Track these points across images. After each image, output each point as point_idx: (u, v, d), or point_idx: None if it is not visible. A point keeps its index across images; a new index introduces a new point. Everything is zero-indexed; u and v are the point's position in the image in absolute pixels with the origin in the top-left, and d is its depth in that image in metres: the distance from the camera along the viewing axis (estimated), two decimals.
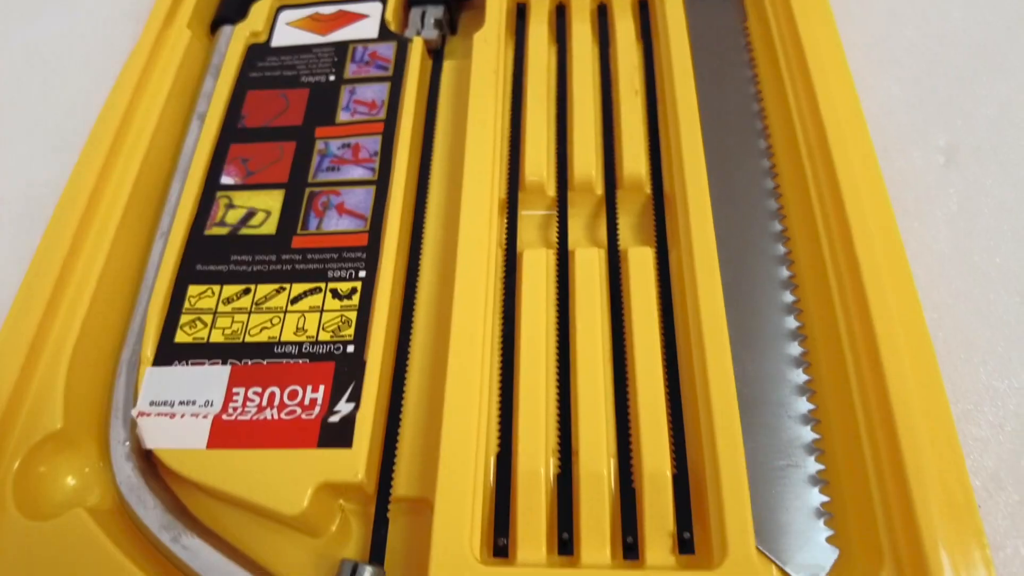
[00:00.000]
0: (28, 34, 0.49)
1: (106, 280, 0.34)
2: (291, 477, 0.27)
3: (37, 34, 0.49)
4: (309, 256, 0.33)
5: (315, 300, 0.32)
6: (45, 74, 0.47)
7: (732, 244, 0.33)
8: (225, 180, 0.36)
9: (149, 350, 0.31)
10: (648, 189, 0.35)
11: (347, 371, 0.30)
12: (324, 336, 0.31)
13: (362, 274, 0.32)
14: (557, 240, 0.34)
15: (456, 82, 0.39)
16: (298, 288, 0.32)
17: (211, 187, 0.35)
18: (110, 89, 0.43)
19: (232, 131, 0.37)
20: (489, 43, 0.38)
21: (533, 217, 0.35)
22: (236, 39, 0.41)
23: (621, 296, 0.32)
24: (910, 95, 0.39)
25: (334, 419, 0.28)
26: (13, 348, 0.31)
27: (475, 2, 0.43)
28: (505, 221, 0.34)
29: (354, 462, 0.27)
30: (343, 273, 0.32)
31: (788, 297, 0.32)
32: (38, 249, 0.35)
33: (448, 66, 0.40)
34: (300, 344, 0.31)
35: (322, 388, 0.29)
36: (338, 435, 0.28)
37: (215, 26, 0.43)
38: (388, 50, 0.39)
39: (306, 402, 0.29)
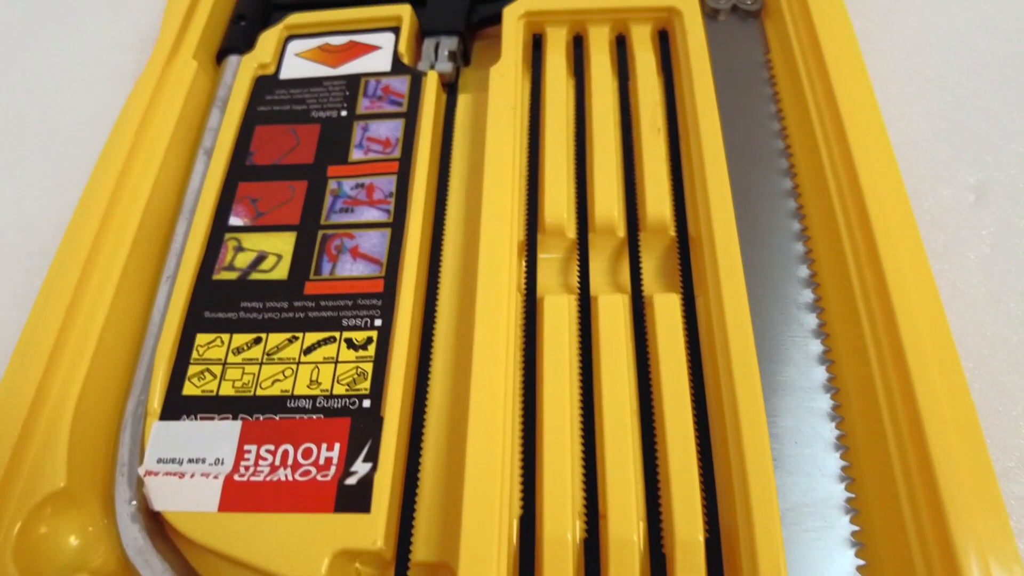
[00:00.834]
0: (28, 61, 0.48)
1: (110, 327, 0.32)
2: (307, 544, 0.26)
3: (37, 61, 0.48)
4: (323, 303, 0.31)
5: (329, 351, 0.30)
6: (45, 103, 0.46)
7: (762, 290, 0.32)
8: (234, 221, 0.34)
9: (156, 402, 0.30)
10: (672, 231, 0.34)
11: (363, 428, 0.28)
12: (339, 390, 0.29)
13: (378, 323, 0.31)
14: (578, 285, 0.32)
15: (471, 117, 0.38)
16: (311, 338, 0.31)
17: (219, 228, 0.34)
18: (112, 119, 0.42)
19: (240, 168, 0.36)
20: (506, 77, 0.37)
21: (553, 260, 0.34)
22: (243, 71, 0.39)
23: (647, 346, 0.31)
24: (938, 130, 0.38)
25: (351, 481, 0.27)
26: (14, 401, 0.30)
27: (489, 32, 0.42)
28: (524, 264, 0.33)
29: (373, 528, 0.26)
30: (358, 322, 0.31)
31: (820, 347, 0.31)
32: (39, 294, 0.33)
33: (463, 100, 0.39)
34: (314, 398, 0.29)
35: (337, 446, 0.28)
36: (356, 499, 0.27)
37: (221, 56, 0.42)
38: (402, 84, 0.38)
39: (321, 461, 0.28)
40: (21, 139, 0.44)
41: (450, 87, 0.39)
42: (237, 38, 0.42)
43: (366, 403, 0.29)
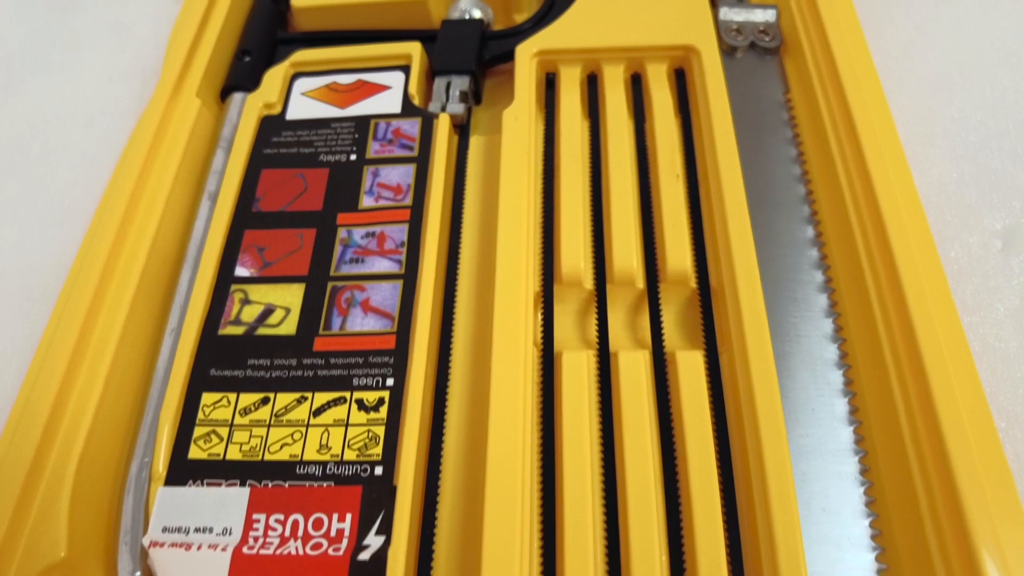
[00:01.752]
0: (28, 93, 0.47)
1: (112, 383, 0.31)
2: None
3: (39, 91, 0.47)
4: (332, 361, 0.30)
5: (339, 412, 0.29)
6: (46, 136, 0.44)
7: (787, 347, 0.31)
8: (240, 271, 0.33)
9: (161, 466, 0.29)
10: (693, 283, 0.33)
11: (375, 497, 0.27)
12: (350, 455, 0.28)
13: (390, 382, 0.30)
14: (597, 340, 0.31)
15: (484, 159, 0.37)
16: (321, 398, 0.30)
17: (224, 279, 0.33)
18: (114, 155, 0.41)
19: (246, 215, 0.35)
20: (519, 120, 0.36)
21: (570, 311, 0.33)
22: (248, 110, 0.38)
23: (670, 407, 0.30)
24: (963, 173, 0.37)
25: (364, 556, 0.26)
26: (12, 464, 0.29)
27: (501, 68, 0.41)
28: (540, 316, 0.32)
29: None
30: (369, 381, 0.30)
31: (846, 406, 0.30)
32: (38, 348, 0.32)
33: (475, 142, 0.38)
34: (324, 464, 0.28)
35: (349, 517, 0.27)
36: None
37: (225, 93, 0.41)
38: (412, 127, 0.37)
39: (332, 533, 0.27)
40: (23, 175, 0.43)
41: (461, 128, 0.38)
42: (242, 75, 0.41)
43: (378, 470, 0.28)
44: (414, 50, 0.39)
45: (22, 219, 0.41)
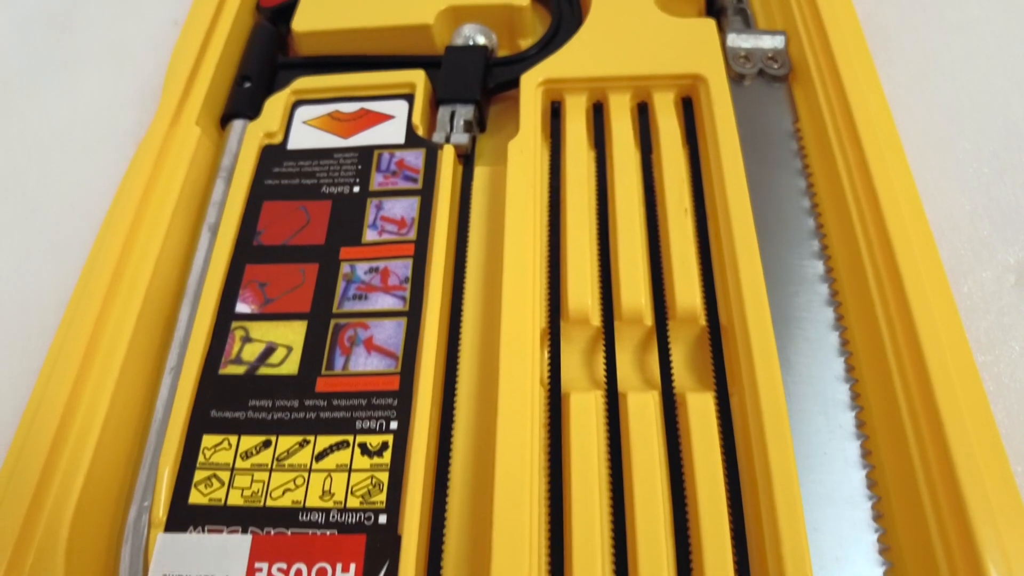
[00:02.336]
0: (27, 116, 0.46)
1: (110, 424, 0.31)
2: None
3: (37, 117, 0.46)
4: (335, 402, 0.30)
5: (342, 457, 0.29)
6: (44, 162, 0.44)
7: (798, 387, 0.31)
8: (241, 308, 0.33)
9: (160, 511, 0.28)
10: (703, 320, 0.32)
11: (380, 547, 0.27)
12: (353, 502, 0.28)
13: (393, 425, 0.29)
14: (605, 379, 0.31)
15: (489, 190, 0.37)
16: (323, 441, 0.29)
17: (225, 316, 0.33)
18: (112, 183, 0.40)
19: (247, 249, 0.34)
20: (525, 152, 0.35)
21: (577, 349, 0.33)
22: (249, 139, 0.38)
23: (680, 450, 0.29)
24: (976, 205, 0.36)
25: None
26: (7, 510, 0.28)
27: (506, 95, 0.40)
28: (547, 354, 0.32)
29: None
30: (373, 424, 0.29)
31: (858, 449, 0.29)
32: (36, 386, 0.32)
33: (480, 172, 0.37)
34: (327, 511, 0.28)
35: (353, 567, 0.26)
36: None
37: (225, 121, 0.40)
38: (416, 158, 0.36)
39: None
40: (19, 203, 0.42)
41: (466, 157, 0.37)
42: (242, 102, 0.40)
43: (382, 518, 0.27)
44: (418, 78, 0.38)
45: (18, 248, 0.40)
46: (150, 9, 0.50)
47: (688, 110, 0.38)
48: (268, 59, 0.42)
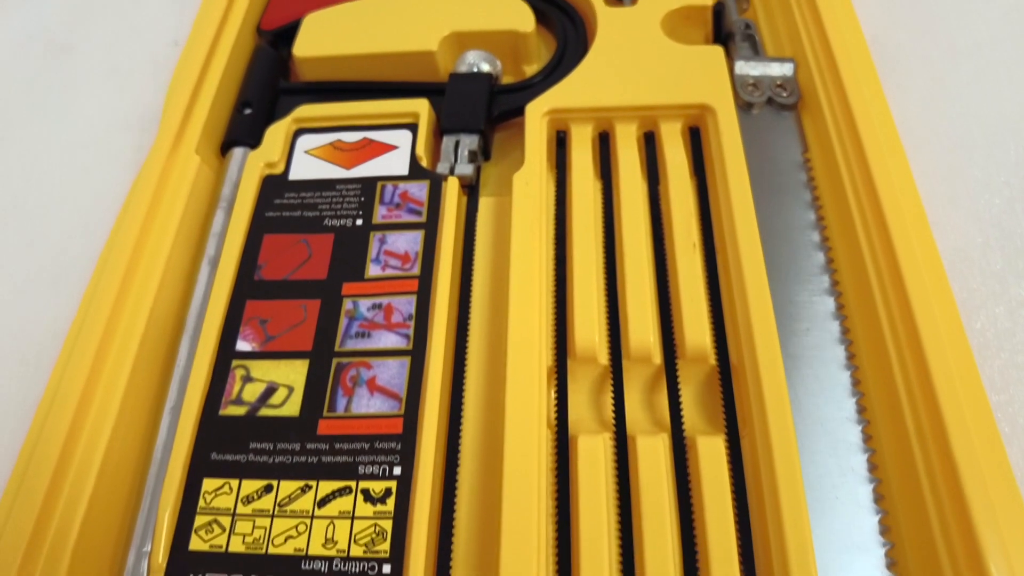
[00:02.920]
0: (26, 139, 0.46)
1: (108, 466, 0.30)
2: None
3: (36, 139, 0.45)
4: (337, 446, 0.29)
5: (345, 503, 0.28)
6: (42, 188, 0.43)
7: (809, 429, 0.30)
8: (241, 346, 0.32)
9: (160, 557, 0.28)
10: (712, 360, 0.31)
11: None
12: (356, 551, 0.27)
13: (397, 471, 0.28)
14: (614, 420, 0.30)
15: (494, 222, 0.36)
16: (326, 487, 0.28)
17: (225, 353, 0.32)
18: (111, 209, 0.40)
19: (248, 284, 0.34)
20: (530, 185, 0.35)
21: (584, 388, 0.32)
22: (250, 169, 0.37)
23: (690, 495, 0.28)
24: (988, 237, 0.36)
25: None
26: (4, 553, 0.28)
27: (510, 123, 0.40)
28: (553, 394, 0.31)
29: None
30: (376, 469, 0.29)
31: (871, 493, 0.29)
32: (32, 426, 0.31)
33: (484, 204, 0.36)
34: (330, 560, 0.27)
35: None
36: None
37: (225, 148, 0.40)
38: (420, 190, 0.35)
39: None
40: (17, 229, 0.42)
41: (470, 188, 0.37)
42: (242, 129, 0.39)
43: (386, 568, 0.27)
44: (421, 108, 0.38)
45: (16, 277, 0.40)
46: (150, 30, 0.50)
47: (696, 139, 0.38)
48: (269, 84, 0.41)
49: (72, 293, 0.38)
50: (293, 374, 0.31)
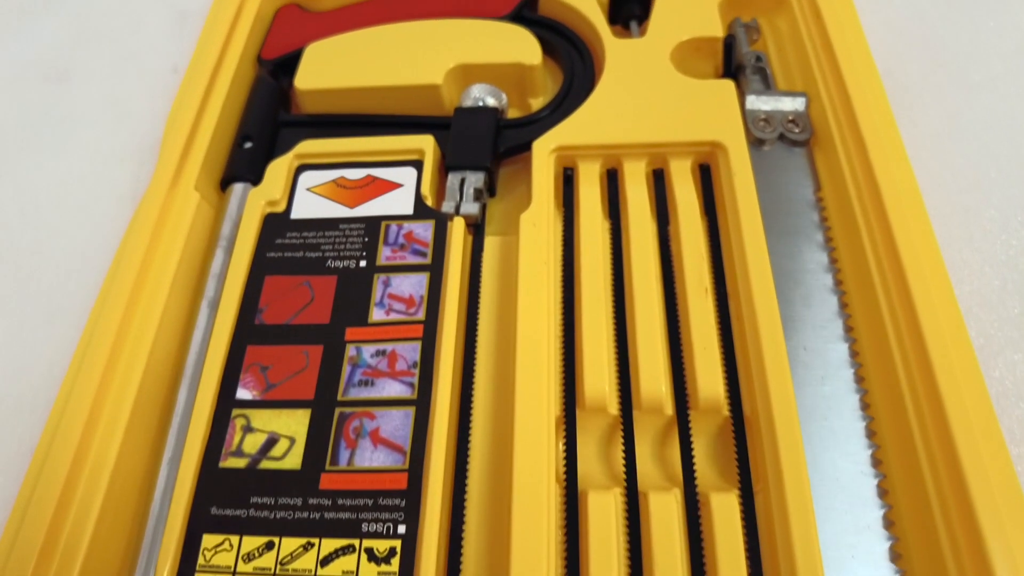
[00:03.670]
0: (21, 173, 0.45)
1: (106, 520, 0.29)
2: None
3: (31, 173, 0.45)
4: (340, 501, 0.28)
5: (348, 563, 0.27)
6: (38, 224, 0.42)
7: (824, 482, 0.29)
8: (242, 394, 0.31)
9: None
10: (726, 411, 0.31)
11: None
12: None
13: (401, 529, 0.28)
14: (624, 473, 0.29)
15: (500, 262, 0.35)
16: (328, 545, 0.28)
17: (225, 402, 0.31)
18: (108, 246, 0.39)
19: (249, 328, 0.33)
20: (538, 227, 0.34)
21: (593, 440, 0.31)
22: (251, 208, 0.36)
23: (703, 553, 0.28)
24: (1006, 281, 0.35)
25: None
26: None
27: (516, 158, 0.39)
28: (562, 446, 0.30)
29: None
30: (379, 527, 0.28)
31: (887, 551, 0.28)
32: (27, 477, 0.30)
33: (490, 243, 0.36)
34: None
35: None
36: None
37: (225, 183, 0.39)
38: (425, 231, 0.35)
39: None
40: (13, 266, 0.41)
41: (476, 226, 0.36)
42: (242, 165, 0.39)
43: None
44: (426, 145, 0.37)
45: (12, 316, 0.39)
46: (149, 57, 0.49)
47: (706, 176, 0.37)
48: (270, 117, 0.40)
49: (69, 334, 0.37)
50: (295, 424, 0.30)
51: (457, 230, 0.34)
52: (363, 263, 0.34)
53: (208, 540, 0.28)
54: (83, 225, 0.41)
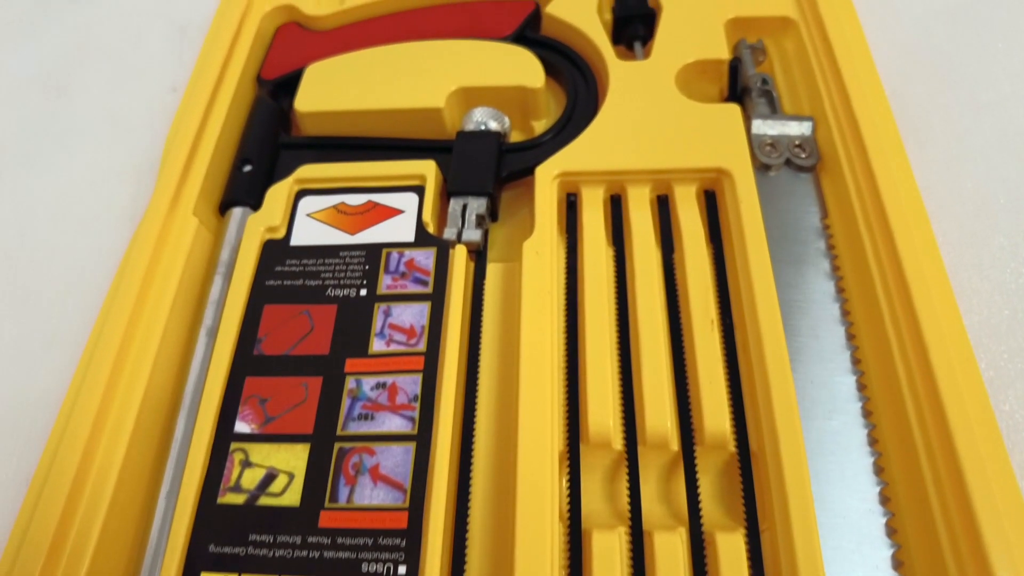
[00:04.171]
0: (18, 194, 0.44)
1: (101, 555, 0.29)
2: None
3: (28, 194, 0.44)
4: (339, 540, 0.28)
5: None
6: (36, 244, 0.42)
7: (832, 520, 0.29)
8: (240, 427, 0.31)
9: None
10: (732, 447, 0.30)
11: None
12: None
13: (402, 570, 0.27)
14: (629, 510, 0.29)
15: (502, 289, 0.35)
16: None
17: (224, 435, 0.31)
18: (107, 267, 0.39)
19: (247, 358, 0.33)
20: (541, 255, 0.33)
21: (597, 476, 0.31)
22: (250, 234, 0.36)
23: None
24: (1016, 311, 0.34)
25: None
26: None
27: (519, 182, 0.38)
28: (566, 482, 0.30)
29: None
30: (379, 568, 0.27)
31: None
32: (22, 508, 0.30)
33: (492, 270, 0.35)
34: None
35: None
36: None
37: (224, 207, 0.38)
38: (427, 259, 0.34)
39: None
40: (10, 286, 0.40)
41: (478, 253, 0.36)
42: (242, 188, 0.38)
43: None
44: (428, 170, 0.36)
45: (8, 340, 0.38)
46: (149, 75, 0.49)
47: (711, 202, 0.36)
48: (269, 140, 0.40)
49: (65, 358, 0.37)
50: (293, 459, 0.30)
51: (459, 259, 0.34)
52: (363, 292, 0.34)
53: None
54: (81, 244, 0.41)
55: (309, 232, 0.36)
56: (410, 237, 0.35)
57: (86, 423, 0.31)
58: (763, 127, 0.38)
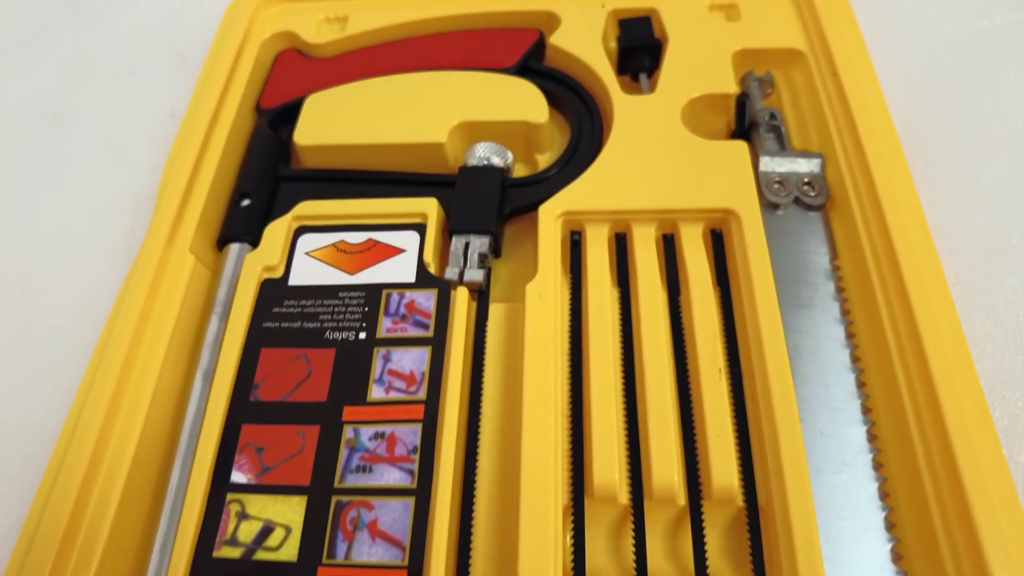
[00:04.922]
0: (14, 224, 0.44)
1: None
2: None
3: (24, 224, 0.43)
4: None
5: None
6: (31, 276, 0.41)
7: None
8: (236, 478, 0.30)
9: None
10: (740, 501, 0.29)
11: None
12: None
13: None
14: (635, 568, 0.28)
15: (505, 330, 0.34)
16: None
17: (220, 486, 0.30)
18: (102, 301, 0.39)
19: (244, 405, 0.32)
20: (545, 299, 0.33)
21: (603, 531, 0.30)
22: (247, 273, 0.35)
23: None
24: None
25: None
26: None
27: (522, 217, 0.38)
28: (570, 538, 0.29)
29: None
30: None
31: None
32: (12, 559, 0.29)
33: (495, 310, 0.34)
34: None
35: None
36: None
37: (222, 243, 0.38)
38: (428, 300, 0.33)
39: None
40: (3, 322, 0.40)
41: (480, 292, 0.35)
42: (239, 224, 0.37)
43: None
44: (429, 208, 0.36)
45: (3, 374, 0.38)
46: (147, 100, 0.48)
47: (718, 241, 0.36)
48: (268, 173, 0.39)
49: (59, 397, 0.36)
50: (291, 512, 0.29)
51: (461, 301, 0.33)
52: (363, 335, 0.33)
53: None
54: (76, 277, 0.40)
55: (308, 271, 0.35)
56: (411, 277, 0.34)
57: (79, 470, 0.30)
58: (771, 164, 0.37)
